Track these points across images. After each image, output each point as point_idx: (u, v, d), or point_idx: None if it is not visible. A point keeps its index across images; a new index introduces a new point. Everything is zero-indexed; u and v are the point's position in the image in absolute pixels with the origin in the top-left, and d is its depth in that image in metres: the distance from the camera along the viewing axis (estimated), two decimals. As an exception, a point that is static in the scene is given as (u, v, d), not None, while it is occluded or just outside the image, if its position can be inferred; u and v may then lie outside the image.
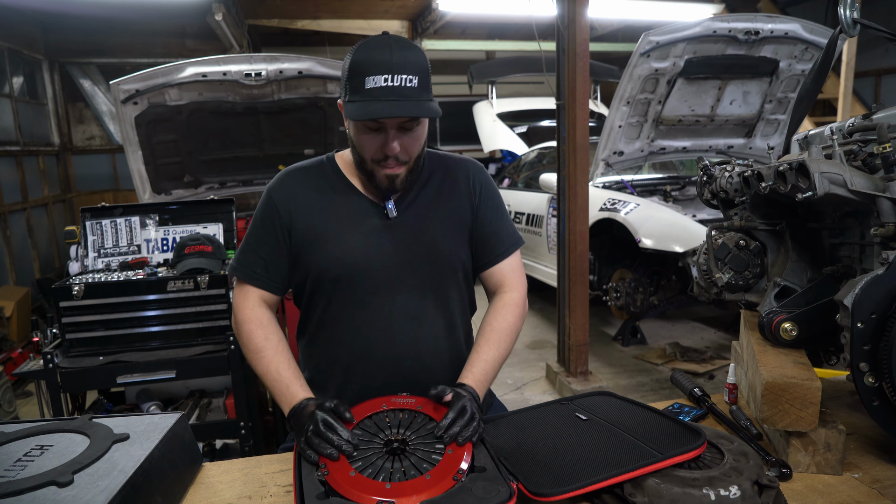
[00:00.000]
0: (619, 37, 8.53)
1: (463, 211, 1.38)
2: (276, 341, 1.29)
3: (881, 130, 1.15)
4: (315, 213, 1.31)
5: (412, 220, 1.32)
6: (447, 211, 1.36)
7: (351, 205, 1.32)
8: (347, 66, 1.19)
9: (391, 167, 1.24)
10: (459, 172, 1.40)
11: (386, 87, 1.14)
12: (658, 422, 1.06)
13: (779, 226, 1.40)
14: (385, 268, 1.29)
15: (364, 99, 1.15)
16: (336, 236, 1.29)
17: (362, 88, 1.15)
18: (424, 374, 1.32)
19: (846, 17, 1.30)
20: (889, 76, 6.93)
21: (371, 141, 1.22)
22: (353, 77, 1.17)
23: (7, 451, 1.03)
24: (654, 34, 3.65)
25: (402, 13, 7.35)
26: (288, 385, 1.22)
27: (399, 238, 1.31)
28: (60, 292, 2.30)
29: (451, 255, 1.35)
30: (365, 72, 1.15)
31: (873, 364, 1.02)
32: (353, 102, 1.17)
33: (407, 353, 1.31)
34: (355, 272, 1.29)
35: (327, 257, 1.29)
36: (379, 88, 1.14)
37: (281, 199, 1.32)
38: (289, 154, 3.58)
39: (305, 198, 1.32)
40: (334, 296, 1.31)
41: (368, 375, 1.32)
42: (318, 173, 1.36)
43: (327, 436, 1.02)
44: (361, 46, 1.18)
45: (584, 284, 3.85)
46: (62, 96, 7.66)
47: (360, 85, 1.15)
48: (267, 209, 1.33)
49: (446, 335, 1.36)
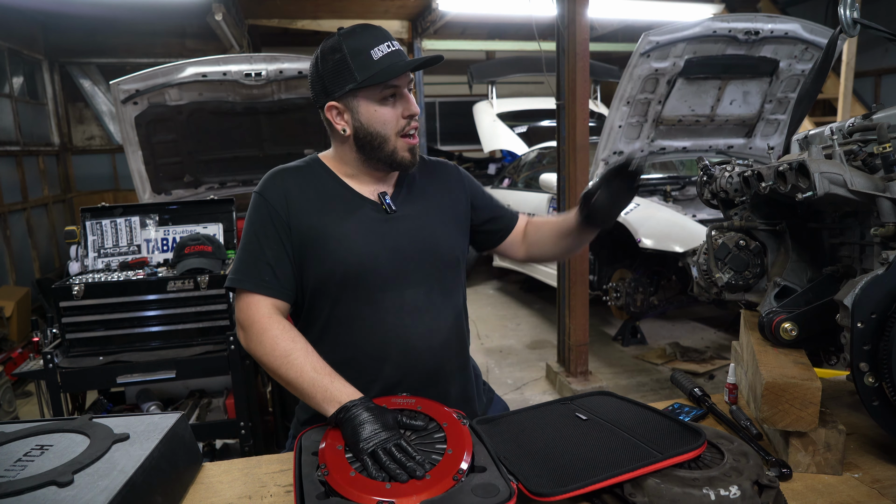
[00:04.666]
0: (619, 37, 8.53)
1: (457, 202, 1.41)
2: (303, 342, 1.20)
3: (881, 130, 1.15)
4: (313, 213, 1.28)
5: (410, 214, 1.33)
6: (441, 204, 1.38)
7: (349, 203, 1.31)
8: (343, 54, 1.22)
9: (414, 135, 1.29)
10: (441, 169, 1.45)
11: (390, 51, 1.23)
12: (658, 422, 1.06)
13: (779, 226, 1.40)
14: (391, 263, 1.28)
15: (379, 68, 1.21)
16: (337, 235, 1.27)
17: (371, 61, 1.21)
18: (438, 367, 1.32)
19: (846, 17, 1.30)
20: (889, 76, 6.93)
21: (391, 112, 1.26)
22: (356, 57, 1.21)
23: (7, 451, 1.03)
24: (654, 34, 3.64)
25: (402, 13, 7.34)
26: (332, 381, 1.13)
27: (400, 232, 1.30)
28: (60, 292, 2.30)
29: (452, 246, 1.36)
30: (366, 48, 1.22)
31: (873, 364, 1.02)
32: (369, 77, 1.21)
33: (422, 346, 1.29)
34: (362, 270, 1.26)
35: (332, 258, 1.26)
36: (386, 55, 1.22)
37: (276, 199, 1.28)
38: (288, 154, 3.57)
39: (301, 197, 1.29)
40: (341, 296, 1.28)
41: (384, 373, 1.28)
42: (307, 172, 1.34)
43: (401, 461, 0.95)
44: (342, 37, 1.24)
45: (584, 284, 3.86)
46: (62, 96, 7.66)
47: (368, 59, 1.21)
48: (263, 211, 1.28)
49: (454, 326, 1.36)
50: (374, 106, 1.25)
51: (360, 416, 1.04)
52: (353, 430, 1.02)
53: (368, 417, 1.03)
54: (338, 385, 1.13)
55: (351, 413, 1.05)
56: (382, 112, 1.25)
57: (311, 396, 1.14)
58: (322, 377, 1.14)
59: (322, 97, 1.28)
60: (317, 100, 1.30)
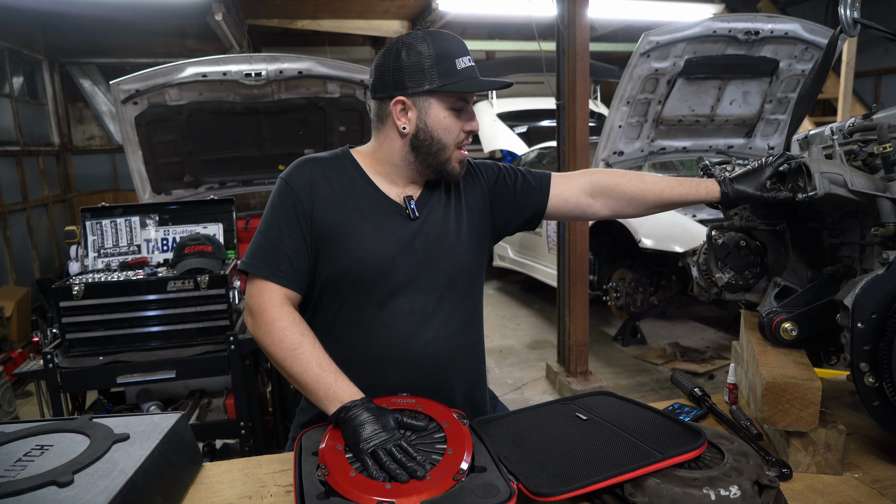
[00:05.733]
0: (619, 37, 8.53)
1: (477, 206, 1.38)
2: (311, 337, 1.19)
3: (881, 130, 1.15)
4: (337, 209, 1.26)
5: (431, 221, 1.31)
6: (461, 209, 1.36)
7: (373, 203, 1.29)
8: (431, 54, 1.22)
9: (466, 149, 1.31)
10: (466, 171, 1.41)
11: (470, 66, 1.26)
12: (658, 422, 1.06)
13: (779, 226, 1.40)
14: (404, 268, 1.26)
15: (461, 78, 1.24)
16: (359, 235, 1.25)
17: (454, 70, 1.23)
18: (442, 374, 1.30)
19: (846, 17, 1.30)
20: (889, 76, 6.93)
21: (456, 123, 1.27)
22: (442, 62, 1.23)
23: (7, 451, 1.03)
24: (654, 34, 3.65)
25: (402, 13, 7.34)
26: (336, 379, 1.13)
27: (421, 240, 1.29)
28: (60, 292, 2.30)
29: (466, 254, 1.34)
30: (452, 55, 1.24)
31: (873, 364, 1.02)
32: (449, 84, 1.23)
33: (426, 352, 1.28)
34: (377, 273, 1.25)
35: (349, 257, 1.24)
36: (468, 68, 1.25)
37: (301, 189, 1.25)
38: (288, 154, 3.58)
39: (326, 190, 1.26)
40: (351, 296, 1.26)
41: (385, 377, 1.27)
42: (337, 166, 1.32)
43: (402, 461, 0.95)
44: (428, 37, 1.24)
45: (584, 284, 3.86)
46: (62, 96, 7.66)
47: (452, 67, 1.23)
48: (287, 199, 1.25)
49: (463, 333, 1.34)
50: (444, 112, 1.25)
51: (360, 416, 1.04)
52: (353, 430, 1.02)
53: (369, 418, 1.03)
54: (341, 384, 1.12)
55: (351, 413, 1.05)
56: (449, 121, 1.26)
57: (313, 392, 1.13)
58: (327, 374, 1.14)
59: (392, 89, 1.25)
60: (381, 90, 1.26)
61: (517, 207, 1.41)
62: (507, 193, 1.41)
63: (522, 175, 1.43)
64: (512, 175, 1.43)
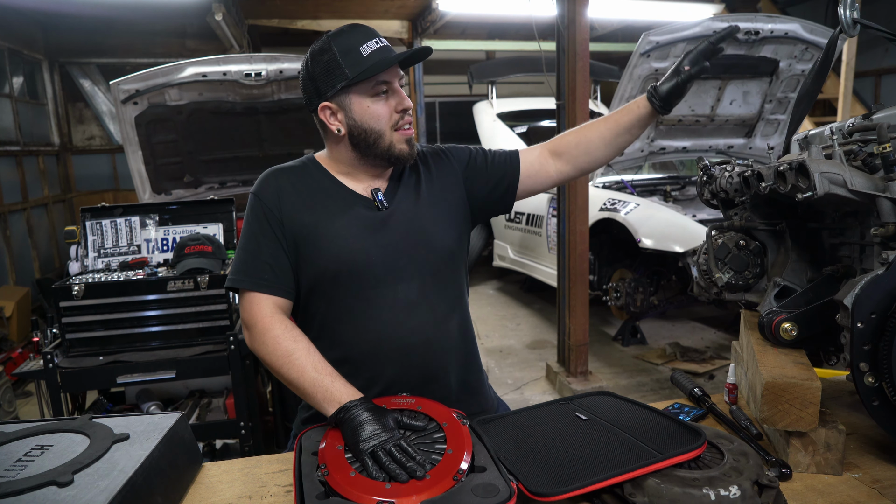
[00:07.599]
0: (619, 37, 8.53)
1: (450, 189, 1.39)
2: (305, 342, 1.21)
3: (881, 130, 1.15)
4: (305, 211, 1.29)
5: (403, 209, 1.33)
6: (434, 194, 1.37)
7: (340, 200, 1.31)
8: (333, 54, 1.23)
9: (408, 127, 1.30)
10: (433, 157, 1.43)
11: (379, 47, 1.24)
12: (658, 422, 1.06)
13: (779, 226, 1.40)
14: (383, 259, 1.28)
15: (369, 63, 1.22)
16: (330, 232, 1.27)
17: (361, 58, 1.23)
18: (434, 360, 1.31)
19: (846, 17, 1.30)
20: (889, 76, 6.93)
21: (384, 107, 1.27)
22: (347, 55, 1.23)
23: (7, 451, 1.03)
24: (654, 34, 3.65)
25: (402, 13, 7.34)
26: (332, 381, 1.14)
27: (393, 228, 1.30)
28: (60, 292, 2.30)
29: (445, 239, 1.35)
30: (355, 45, 1.23)
31: (873, 364, 1.02)
32: (360, 73, 1.22)
33: (417, 341, 1.29)
34: (355, 267, 1.27)
35: (324, 255, 1.27)
36: (375, 51, 1.24)
37: (269, 198, 1.29)
38: (288, 154, 3.57)
39: (293, 196, 1.30)
40: (335, 294, 1.28)
41: (380, 370, 1.28)
42: (301, 172, 1.35)
43: (401, 461, 0.95)
44: (331, 38, 1.25)
45: (584, 284, 3.86)
46: (62, 96, 7.66)
47: (358, 56, 1.23)
48: (258, 210, 1.29)
49: (450, 318, 1.35)
50: (366, 102, 1.26)
51: (359, 416, 1.04)
52: (352, 430, 1.02)
53: (368, 418, 1.03)
54: (338, 385, 1.13)
55: (351, 413, 1.05)
56: (375, 108, 1.26)
57: (311, 396, 1.15)
58: (323, 377, 1.15)
59: (314, 99, 1.28)
60: (309, 103, 1.31)
61: (492, 183, 1.43)
62: (480, 171, 1.44)
63: (492, 152, 1.47)
64: (482, 153, 1.47)
